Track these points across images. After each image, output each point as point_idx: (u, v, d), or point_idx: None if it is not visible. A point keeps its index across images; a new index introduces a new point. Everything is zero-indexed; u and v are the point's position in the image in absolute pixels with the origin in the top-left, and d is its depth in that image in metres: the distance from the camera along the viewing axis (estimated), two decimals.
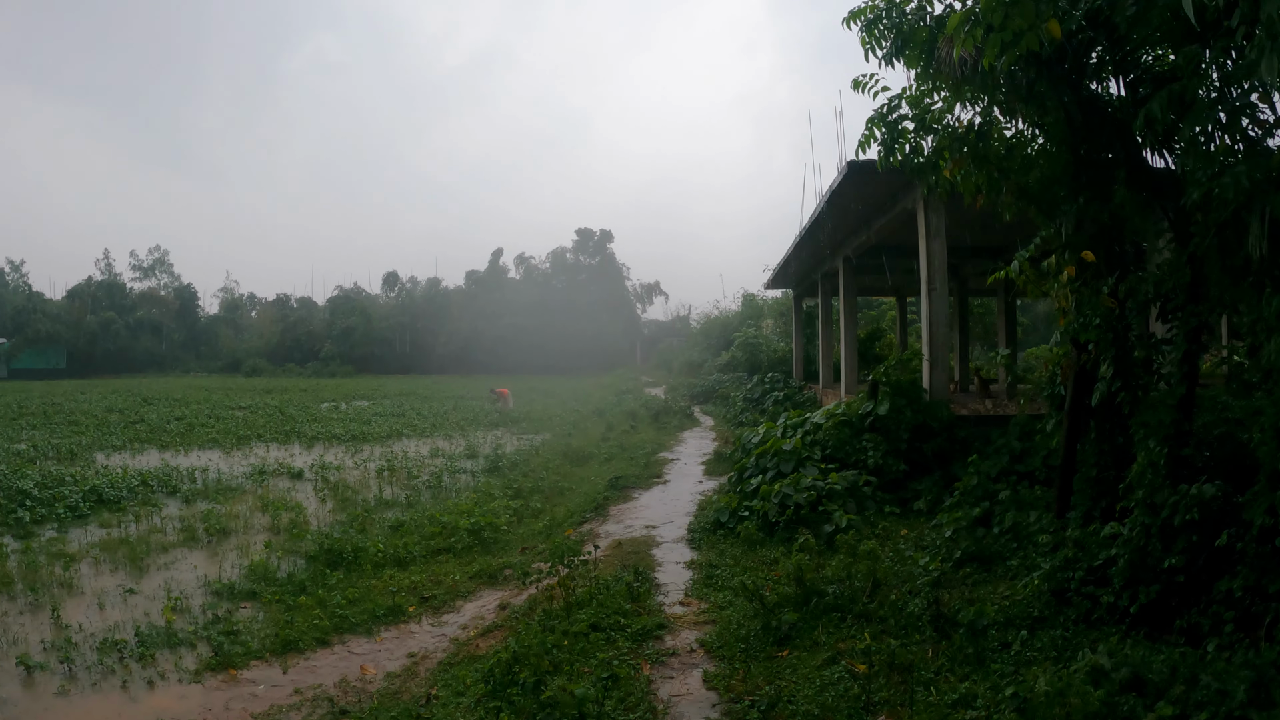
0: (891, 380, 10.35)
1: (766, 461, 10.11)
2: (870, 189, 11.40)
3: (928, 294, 10.78)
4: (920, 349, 12.86)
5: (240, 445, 20.20)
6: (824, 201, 12.36)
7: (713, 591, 6.74)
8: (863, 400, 10.70)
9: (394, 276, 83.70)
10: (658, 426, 21.29)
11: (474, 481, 14.12)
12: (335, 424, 24.32)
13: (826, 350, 19.79)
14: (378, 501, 12.38)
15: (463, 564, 8.62)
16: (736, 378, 30.02)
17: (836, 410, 10.88)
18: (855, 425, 10.45)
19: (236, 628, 7.28)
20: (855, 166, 10.55)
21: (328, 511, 11.91)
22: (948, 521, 6.98)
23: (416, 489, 13.66)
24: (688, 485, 12.79)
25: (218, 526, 11.18)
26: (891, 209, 12.35)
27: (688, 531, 9.36)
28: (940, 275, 10.72)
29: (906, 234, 14.12)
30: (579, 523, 9.90)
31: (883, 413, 10.04)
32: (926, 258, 10.73)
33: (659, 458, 15.76)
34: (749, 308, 42.14)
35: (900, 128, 7.06)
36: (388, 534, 10.05)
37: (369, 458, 17.28)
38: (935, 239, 10.70)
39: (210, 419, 26.72)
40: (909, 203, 11.29)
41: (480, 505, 10.82)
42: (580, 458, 15.62)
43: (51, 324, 71.72)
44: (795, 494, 8.47)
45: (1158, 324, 6.63)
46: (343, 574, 8.50)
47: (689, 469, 14.51)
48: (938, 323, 10.87)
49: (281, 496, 13.13)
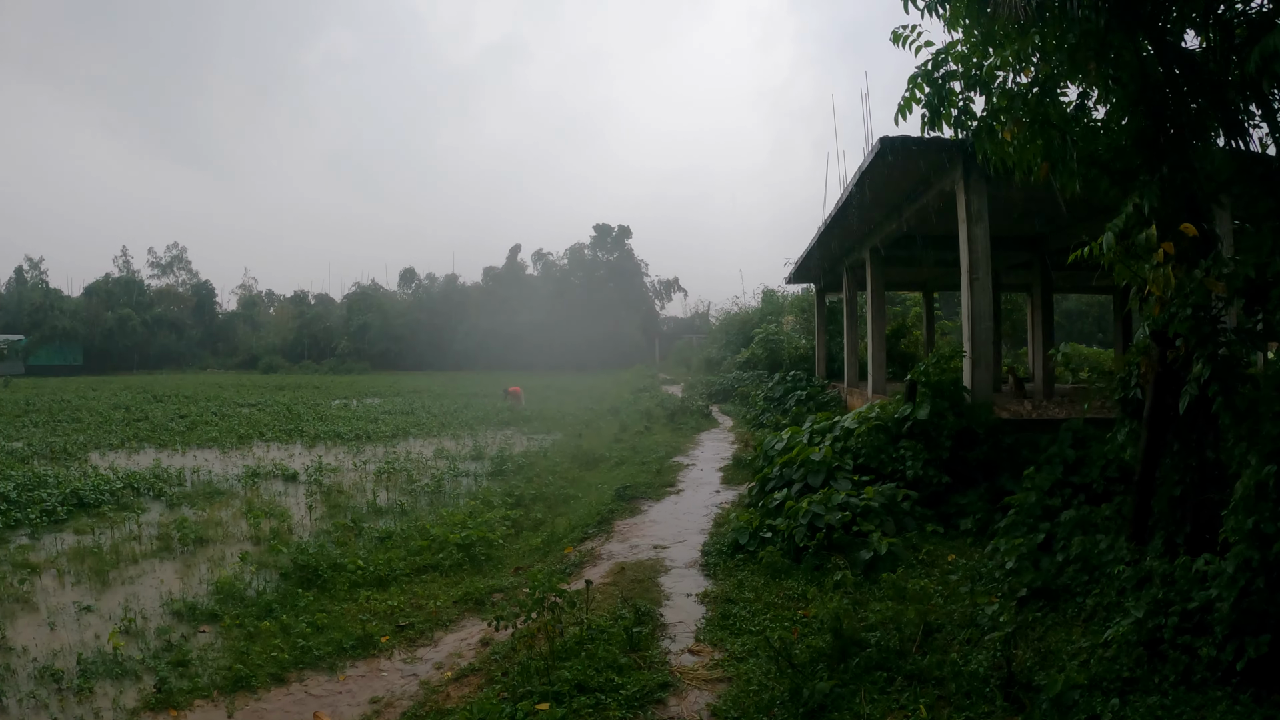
0: (931, 380, 9.28)
1: (792, 472, 9.07)
2: (904, 169, 10.36)
3: (969, 284, 9.72)
4: (944, 346, 11.83)
5: (240, 445, 19.53)
6: (852, 184, 11.31)
7: (729, 636, 5.68)
8: (898, 403, 9.64)
9: (411, 273, 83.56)
10: (673, 427, 20.32)
11: (476, 486, 13.26)
12: (341, 422, 23.60)
13: (851, 347, 18.73)
14: (370, 508, 11.53)
15: (449, 584, 7.71)
16: (756, 376, 28.98)
17: (869, 414, 9.81)
18: (891, 431, 9.37)
19: (188, 657, 6.44)
20: (888, 143, 9.52)
21: (315, 519, 11.09)
22: (1006, 549, 5.96)
23: (415, 494, 12.83)
24: (703, 496, 11.74)
25: (195, 535, 10.40)
26: (925, 193, 11.28)
27: (702, 554, 8.27)
28: (983, 263, 9.66)
29: (941, 220, 13.05)
30: (580, 539, 8.90)
31: (922, 417, 8.95)
32: (968, 244, 9.68)
33: (673, 462, 14.71)
34: (769, 304, 41.04)
35: (947, 88, 6.06)
36: (372, 547, 9.19)
37: (370, 459, 16.48)
38: (977, 223, 9.65)
39: (215, 417, 26.15)
40: (947, 184, 10.24)
41: (476, 515, 9.91)
42: (590, 461, 14.70)
43: (69, 321, 72.13)
44: (826, 513, 7.40)
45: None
46: (315, 594, 7.64)
47: (705, 476, 13.47)
48: (980, 316, 9.80)
49: (269, 502, 12.36)
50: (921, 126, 6.15)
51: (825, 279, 22.41)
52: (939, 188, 10.59)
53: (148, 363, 74.44)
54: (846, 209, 12.53)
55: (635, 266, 76.62)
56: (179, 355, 77.08)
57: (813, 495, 8.02)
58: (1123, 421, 6.26)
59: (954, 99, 6.18)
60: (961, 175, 9.70)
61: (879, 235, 14.39)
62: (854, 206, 12.21)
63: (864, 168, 10.46)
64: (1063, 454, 8.37)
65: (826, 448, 9.20)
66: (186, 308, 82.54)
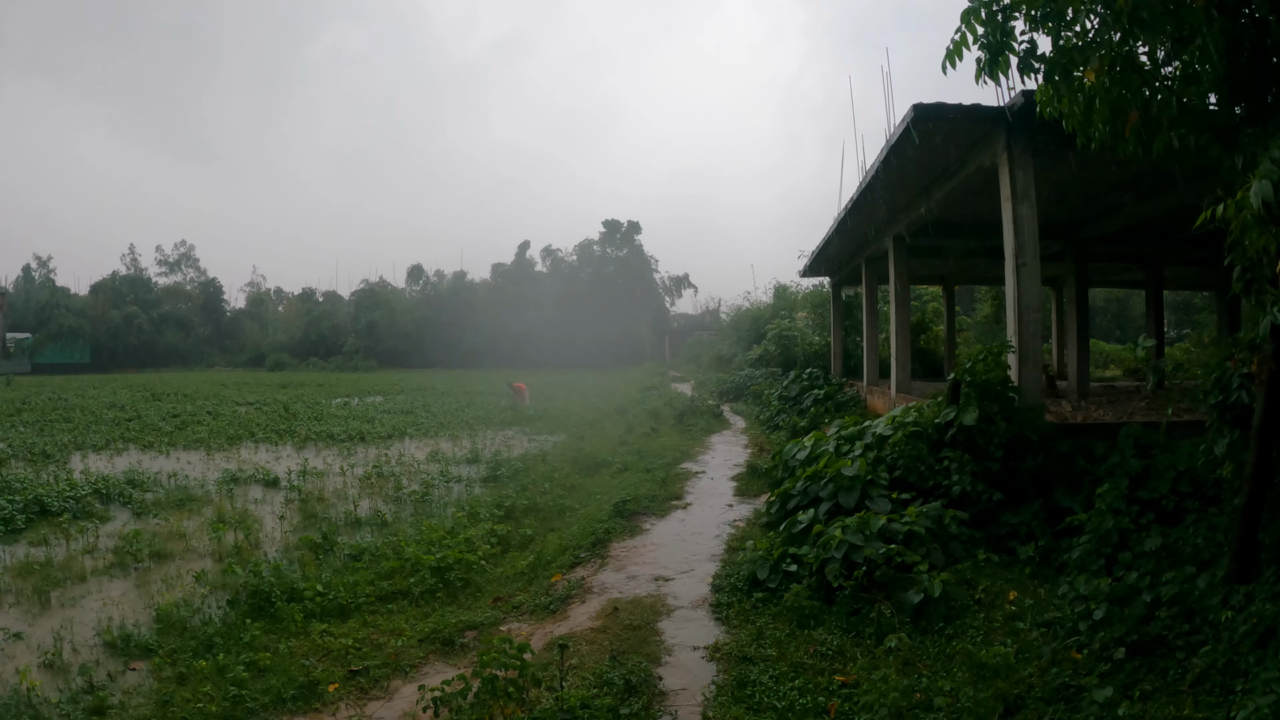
0: (978, 380, 8.11)
1: (819, 488, 7.93)
2: (938, 141, 9.20)
3: (1015, 270, 8.58)
4: (968, 342, 10.73)
5: (228, 446, 18.64)
6: (878, 161, 10.18)
7: (748, 714, 4.42)
8: (937, 405, 8.48)
9: (419, 270, 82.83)
10: (682, 429, 19.20)
11: (466, 494, 12.26)
12: (337, 422, 22.68)
13: (871, 343, 17.57)
14: (347, 520, 10.55)
15: (418, 616, 6.68)
16: (770, 373, 27.88)
17: (904, 418, 8.60)
18: (931, 438, 8.17)
19: (106, 703, 5.49)
20: (922, 112, 8.40)
21: (285, 532, 10.12)
22: (1088, 590, 4.86)
23: (400, 501, 11.86)
24: (714, 511, 10.49)
25: (154, 549, 9.50)
26: (960, 171, 10.15)
27: (712, 590, 6.95)
28: (1031, 247, 8.53)
29: (973, 203, 11.94)
30: (570, 564, 7.77)
31: (969, 422, 7.69)
32: (1014, 225, 8.54)
33: (681, 469, 13.51)
34: (781, 299, 39.89)
35: (1009, 25, 4.97)
36: (339, 568, 8.20)
37: (359, 462, 15.52)
38: (1024, 202, 8.52)
39: (209, 416, 25.34)
40: (986, 158, 9.10)
41: (458, 531, 8.87)
42: (592, 466, 13.65)
43: (75, 319, 71.81)
44: (865, 544, 6.18)
45: None
46: (265, 626, 6.64)
47: (717, 486, 12.23)
48: (1029, 307, 8.66)
49: (242, 511, 11.42)
50: (976, 73, 5.08)
51: (842, 272, 21.27)
52: (977, 163, 9.45)
53: (155, 361, 74.03)
54: (870, 190, 11.37)
55: (645, 263, 75.54)
56: (186, 353, 76.73)
57: (845, 519, 6.80)
58: (1221, 431, 5.16)
59: (1012, 42, 5.10)
60: (1005, 147, 8.57)
61: (904, 221, 13.24)
62: (879, 187, 11.06)
63: (893, 141, 9.32)
64: (1126, 465, 7.29)
65: (861, 461, 7.97)
66: (194, 305, 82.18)
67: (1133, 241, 16.62)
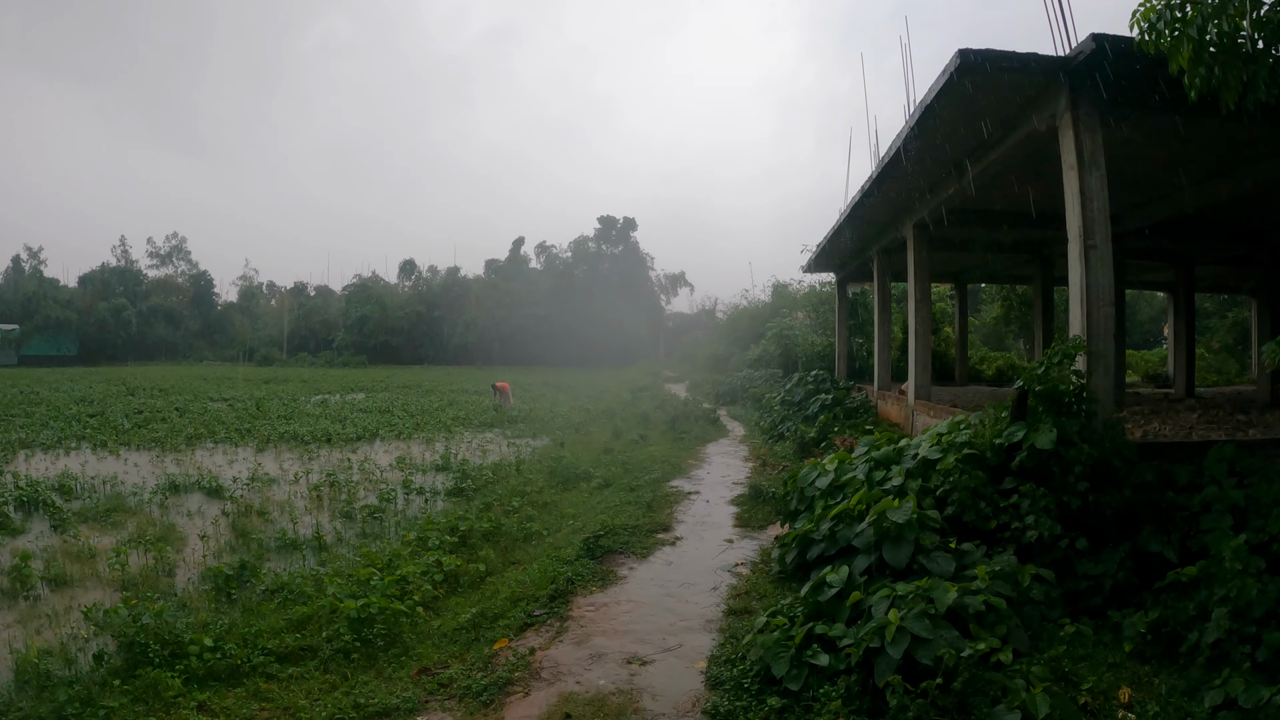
0: (1049, 389, 6.30)
1: (850, 533, 6.17)
2: (982, 102, 7.62)
3: (1083, 253, 6.97)
4: (974, 346, 9.21)
5: (185, 446, 17.22)
6: (910, 127, 8.52)
7: None
8: (995, 421, 6.66)
9: (411, 265, 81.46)
10: (674, 436, 17.46)
11: (426, 509, 10.78)
12: (307, 421, 21.20)
13: (884, 344, 16.00)
14: (281, 541, 9.05)
15: (323, 687, 5.15)
16: (769, 375, 26.38)
17: (954, 437, 6.81)
18: (991, 464, 6.38)
19: None
20: (969, 59, 6.82)
21: (205, 555, 8.62)
22: (1251, 702, 3.40)
23: (350, 517, 10.39)
24: (710, 549, 8.40)
25: (53, 573, 8.06)
26: (1004, 139, 8.54)
27: (707, 685, 5.05)
28: (1102, 225, 6.94)
29: (1010, 185, 10.43)
30: (521, 625, 6.05)
31: (1044, 445, 5.92)
32: (1081, 199, 6.97)
33: (671, 489, 11.52)
34: (780, 298, 38.41)
35: None
36: (251, 606, 6.70)
37: (319, 467, 14.02)
38: (1092, 170, 6.95)
39: (175, 413, 23.88)
40: (1042, 120, 7.52)
41: (397, 564, 7.32)
42: (570, 479, 12.09)
43: (62, 310, 70.38)
44: (932, 635, 4.37)
45: None
46: (134, 691, 5.16)
47: (713, 513, 10.20)
48: (1100, 298, 6.88)
49: (168, 527, 9.97)
50: None
51: (850, 266, 19.73)
52: (1026, 128, 7.86)
53: (143, 354, 72.65)
54: (896, 163, 9.68)
55: (640, 260, 74.06)
56: (175, 347, 75.39)
57: (894, 585, 5.01)
58: None
59: None
60: (1068, 105, 7.01)
61: (927, 207, 11.66)
62: (905, 161, 9.41)
63: (928, 103, 7.69)
64: (1226, 497, 5.80)
65: (912, 500, 6.03)
66: (184, 298, 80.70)
67: (1167, 236, 15.11)
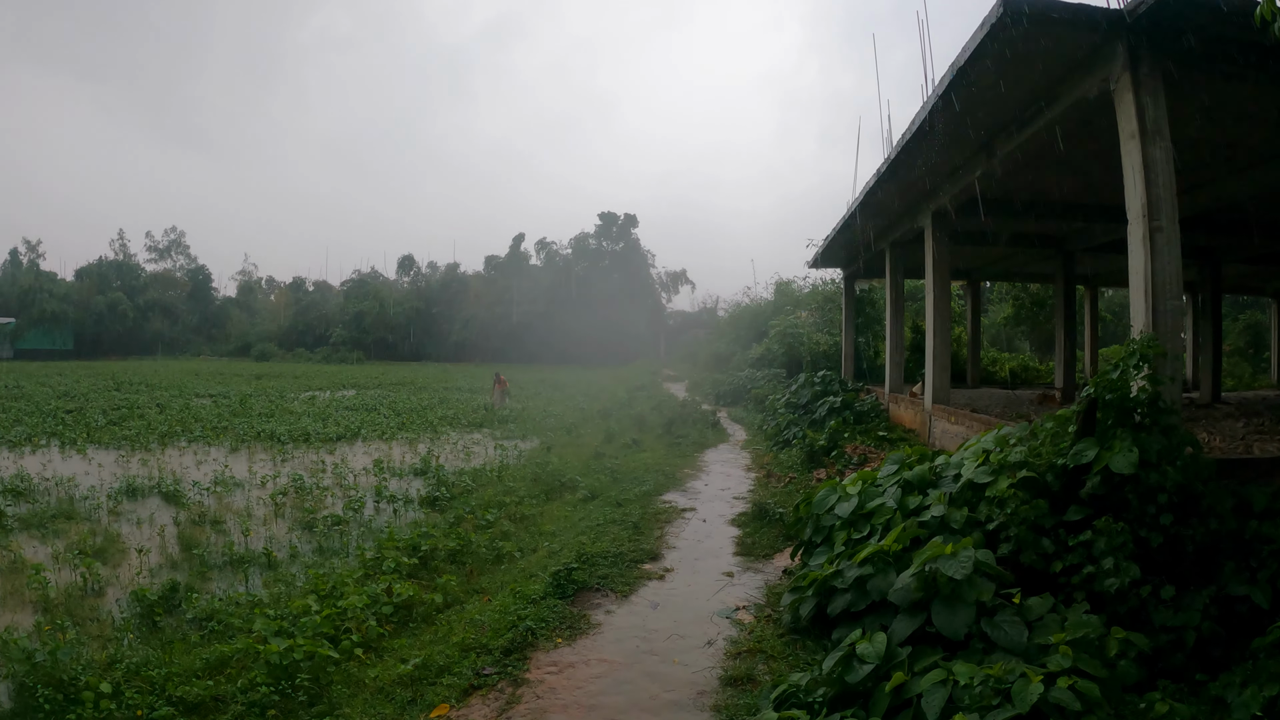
0: (1121, 397, 5.14)
1: (888, 586, 4.92)
2: (1030, 58, 6.48)
3: (1148, 236, 5.96)
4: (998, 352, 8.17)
5: (156, 445, 16.33)
6: (938, 95, 7.38)
7: None
8: (1057, 436, 5.38)
9: (409, 260, 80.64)
10: (670, 440, 16.29)
11: (394, 520, 9.85)
12: (287, 419, 20.29)
13: (896, 343, 14.89)
14: (227, 555, 8.11)
15: None
16: (772, 375, 25.35)
17: (1005, 455, 5.55)
18: (1053, 490, 5.18)
19: None
20: (1015, 7, 5.75)
21: (139, 573, 7.67)
22: None
23: (311, 528, 9.43)
24: (705, 586, 6.96)
25: None
26: (1045, 110, 7.38)
27: None
28: (1167, 202, 5.87)
29: (1045, 166, 9.44)
30: (468, 686, 4.86)
31: (1123, 469, 4.78)
32: (1144, 174, 5.91)
33: (663, 504, 10.21)
34: (782, 295, 37.43)
35: None
36: (170, 639, 5.77)
37: (287, 471, 13.08)
38: (1156, 141, 5.93)
39: (155, 409, 23.01)
40: (1092, 85, 6.47)
41: (344, 590, 6.35)
42: (555, 487, 11.09)
43: (58, 304, 69.61)
44: None
45: None
46: None
47: (710, 537, 8.76)
48: (1166, 290, 5.90)
49: (114, 534, 9.14)
50: None
51: (858, 261, 18.68)
52: (1074, 95, 6.81)
53: (140, 348, 71.83)
54: (919, 142, 8.52)
55: (641, 257, 73.05)
56: (173, 341, 74.60)
57: (948, 664, 3.95)
58: None
59: None
60: (1126, 65, 6.01)
61: (949, 193, 10.58)
62: (933, 133, 8.34)
63: (961, 63, 6.62)
64: None
65: (970, 546, 4.69)
66: (182, 293, 79.91)
67: (1201, 230, 14.09)
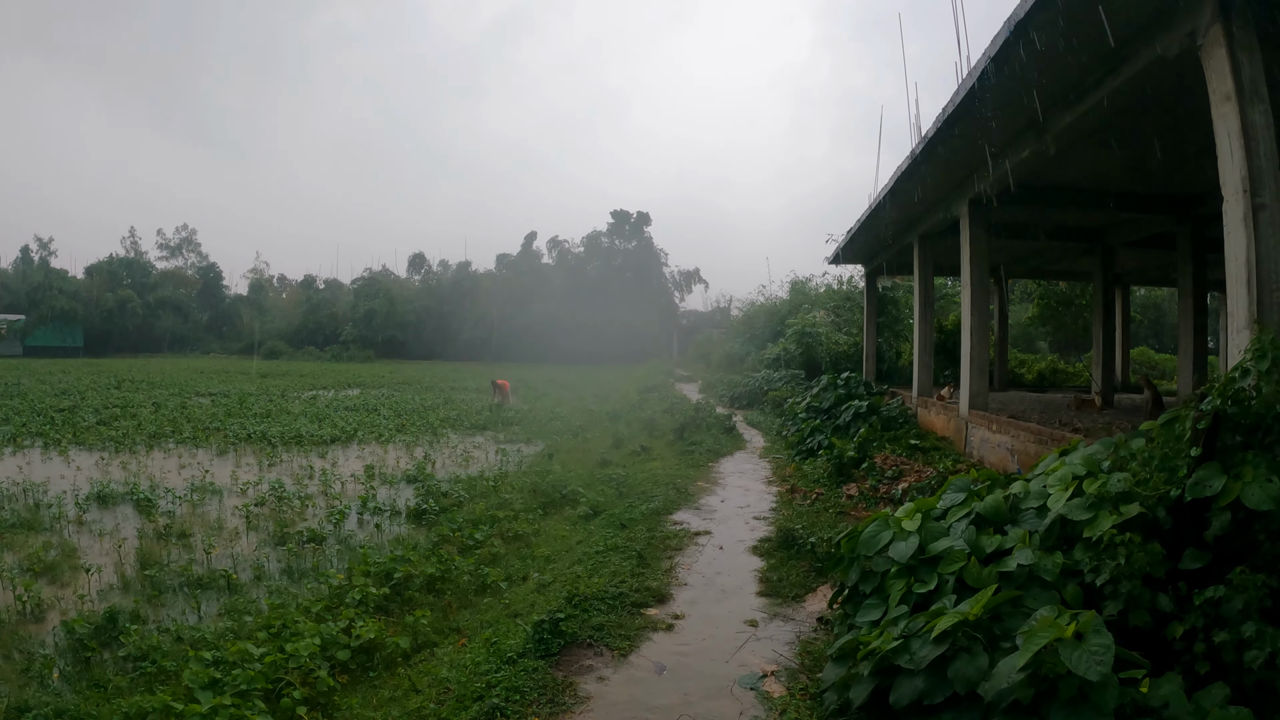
0: (1243, 410, 4.10)
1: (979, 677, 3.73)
2: (1086, 25, 5.60)
3: (1249, 214, 4.92)
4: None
5: (142, 447, 15.61)
6: (990, 58, 6.38)
7: None
8: (1168, 458, 4.24)
9: (420, 258, 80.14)
10: (682, 448, 15.11)
11: (376, 536, 8.98)
12: (283, 420, 19.51)
13: (925, 343, 13.79)
14: (184, 577, 7.25)
15: None
16: (790, 376, 24.32)
17: (1107, 485, 4.28)
18: (1164, 528, 4.09)
19: None
20: None
21: (84, 595, 6.82)
22: None
23: (286, 543, 8.55)
24: (723, 640, 5.64)
25: None
26: (1116, 71, 6.28)
27: None
28: (1271, 174, 4.82)
29: (1103, 143, 8.45)
30: None
31: (1260, 505, 3.71)
32: (1244, 141, 4.91)
33: (673, 527, 8.98)
34: (798, 294, 36.48)
35: None
36: (96, 680, 4.91)
37: (272, 477, 12.24)
38: (1255, 104, 4.93)
39: (150, 409, 22.32)
40: (1173, 42, 5.47)
41: (298, 627, 5.45)
42: (555, 499, 10.13)
43: (68, 301, 69.45)
44: None
45: None
46: None
47: (729, 570, 7.42)
48: (1273, 279, 4.90)
49: (71, 548, 8.31)
50: None
51: (882, 257, 17.67)
52: (1148, 57, 5.76)
53: (150, 346, 71.68)
54: (964, 113, 7.39)
55: (654, 256, 72.27)
56: (183, 339, 74.45)
57: None
58: None
59: None
60: (1217, 14, 5.06)
61: (989, 177, 9.52)
62: (973, 112, 7.24)
63: (1019, 16, 5.69)
64: None
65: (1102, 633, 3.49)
66: (193, 290, 79.83)
67: None
